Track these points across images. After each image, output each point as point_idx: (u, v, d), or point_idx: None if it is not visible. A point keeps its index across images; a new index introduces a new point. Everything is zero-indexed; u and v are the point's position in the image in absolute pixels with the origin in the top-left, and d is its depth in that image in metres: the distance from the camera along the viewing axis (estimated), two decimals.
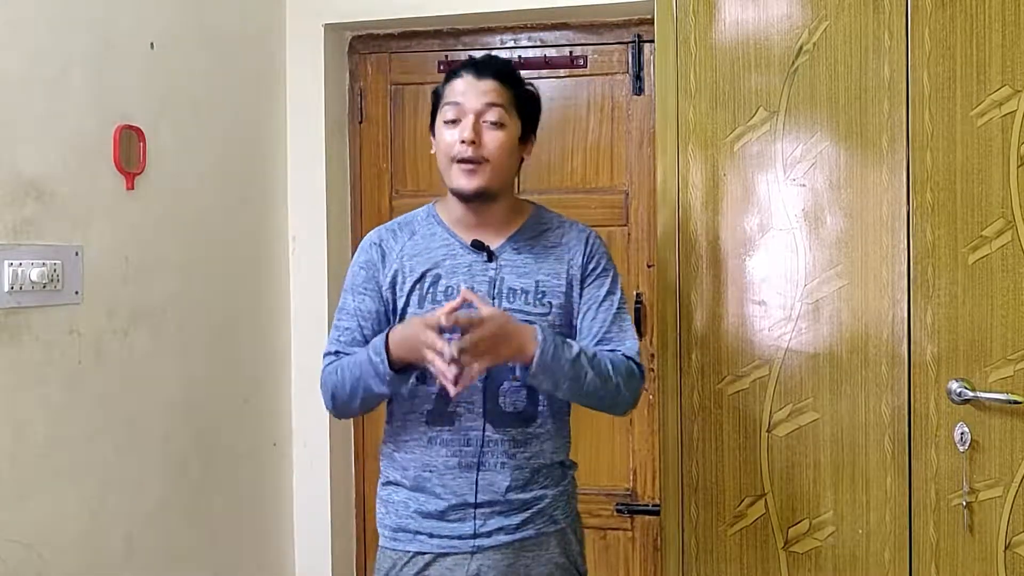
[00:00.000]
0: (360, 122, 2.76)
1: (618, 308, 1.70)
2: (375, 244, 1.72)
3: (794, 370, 2.04)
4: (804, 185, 2.03)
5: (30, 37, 1.80)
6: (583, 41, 2.62)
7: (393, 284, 1.68)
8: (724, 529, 2.08)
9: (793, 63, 2.03)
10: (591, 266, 1.71)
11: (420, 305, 1.65)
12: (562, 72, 2.63)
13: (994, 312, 1.92)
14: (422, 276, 1.66)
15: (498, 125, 1.63)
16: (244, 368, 2.48)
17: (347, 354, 1.67)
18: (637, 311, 2.56)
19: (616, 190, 2.59)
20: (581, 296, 1.69)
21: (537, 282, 1.66)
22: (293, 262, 2.67)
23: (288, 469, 2.66)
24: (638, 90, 2.57)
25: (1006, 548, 1.93)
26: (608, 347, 1.66)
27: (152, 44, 2.11)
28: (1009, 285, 1.91)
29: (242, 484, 2.46)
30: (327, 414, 2.15)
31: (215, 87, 2.35)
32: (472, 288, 1.62)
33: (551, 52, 2.63)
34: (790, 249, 2.04)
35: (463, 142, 1.61)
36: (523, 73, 2.62)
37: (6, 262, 1.73)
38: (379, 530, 1.72)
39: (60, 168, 1.86)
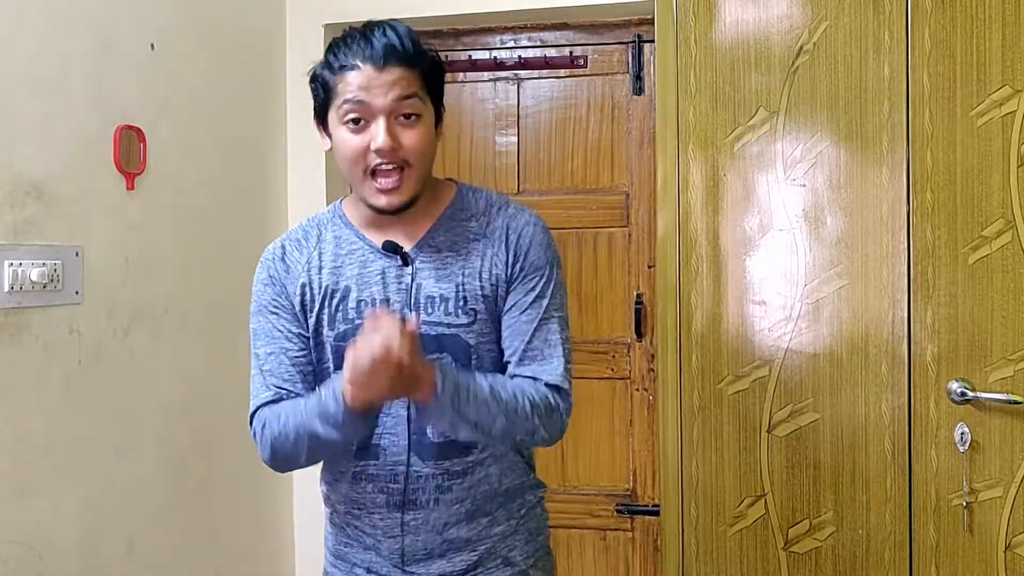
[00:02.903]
0: None
1: (545, 316, 1.40)
2: (278, 258, 1.46)
3: (794, 370, 2.04)
4: (804, 185, 2.03)
5: (30, 37, 1.80)
6: (583, 41, 2.62)
7: (303, 303, 1.43)
8: (724, 529, 2.08)
9: (793, 63, 2.03)
10: (515, 261, 1.41)
11: (331, 325, 1.41)
12: (562, 72, 2.63)
13: (994, 312, 1.92)
14: (331, 291, 1.41)
15: (413, 118, 1.33)
16: (244, 368, 2.46)
17: (279, 387, 1.43)
18: (637, 311, 2.56)
19: (616, 190, 2.59)
20: (506, 300, 1.41)
21: (458, 285, 1.39)
22: None
23: None
24: (638, 90, 2.56)
25: (1006, 548, 1.93)
26: (529, 371, 1.39)
27: (152, 44, 2.11)
28: (1009, 285, 1.91)
29: (242, 484, 2.46)
30: None
31: (215, 87, 2.35)
32: (388, 300, 1.39)
33: (551, 52, 2.63)
34: (790, 249, 2.04)
35: (378, 151, 1.32)
36: (523, 73, 2.69)
37: (6, 262, 1.73)
38: (324, 549, 1.56)
39: (60, 168, 1.86)
